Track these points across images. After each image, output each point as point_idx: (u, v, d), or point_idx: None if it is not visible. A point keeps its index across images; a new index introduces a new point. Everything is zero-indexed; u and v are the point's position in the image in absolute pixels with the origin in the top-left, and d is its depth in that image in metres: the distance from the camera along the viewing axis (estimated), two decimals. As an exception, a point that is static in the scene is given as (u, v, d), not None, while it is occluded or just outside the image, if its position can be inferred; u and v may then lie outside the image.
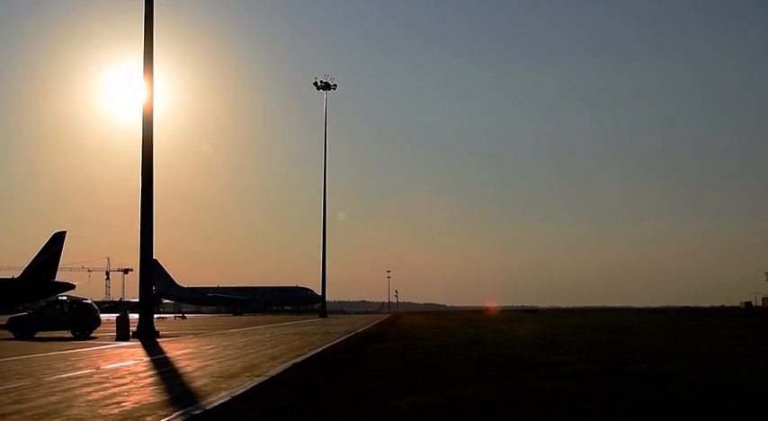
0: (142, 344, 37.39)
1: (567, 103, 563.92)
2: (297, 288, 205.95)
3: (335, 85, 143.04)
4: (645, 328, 42.17)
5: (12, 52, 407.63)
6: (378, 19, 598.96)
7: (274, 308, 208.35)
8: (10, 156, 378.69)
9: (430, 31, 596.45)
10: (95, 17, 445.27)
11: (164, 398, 15.17)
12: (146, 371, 21.72)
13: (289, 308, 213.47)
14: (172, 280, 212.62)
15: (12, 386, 17.27)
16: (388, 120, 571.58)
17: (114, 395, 15.53)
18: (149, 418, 12.46)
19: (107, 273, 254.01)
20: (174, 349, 32.01)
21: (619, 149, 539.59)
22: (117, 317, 45.94)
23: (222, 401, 14.44)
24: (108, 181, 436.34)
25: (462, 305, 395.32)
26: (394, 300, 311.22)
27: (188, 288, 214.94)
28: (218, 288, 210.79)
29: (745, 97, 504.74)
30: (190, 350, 31.22)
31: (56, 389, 16.56)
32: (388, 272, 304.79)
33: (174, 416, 12.75)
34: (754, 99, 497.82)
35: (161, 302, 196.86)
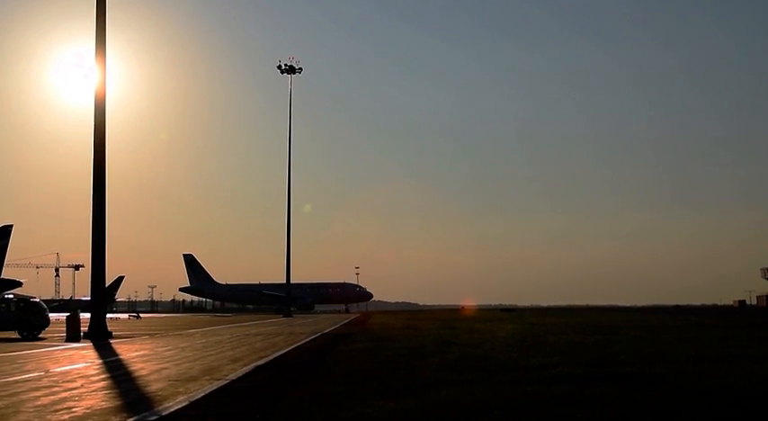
0: (94, 345, 37.25)
1: (550, 88, 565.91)
2: (345, 284, 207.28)
3: (301, 69, 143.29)
4: (631, 328, 42.35)
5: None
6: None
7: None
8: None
9: (402, 10, 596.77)
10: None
11: (117, 403, 15.06)
12: (98, 374, 21.58)
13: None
14: (209, 276, 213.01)
15: (-49, 391, 17.07)
16: (357, 105, 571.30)
17: (64, 400, 15.42)
18: (100, 425, 12.34)
19: (56, 270, 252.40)
20: (127, 351, 31.88)
21: (604, 137, 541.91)
22: (67, 316, 45.76)
23: (179, 406, 14.31)
24: (57, 171, 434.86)
25: (436, 304, 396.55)
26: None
27: (227, 285, 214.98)
28: (259, 284, 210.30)
29: (738, 83, 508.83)
30: (145, 352, 31.08)
31: (1, 394, 16.43)
32: (357, 268, 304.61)
33: (127, 422, 12.65)
34: (747, 85, 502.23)
35: (114, 301, 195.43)
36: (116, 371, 22.56)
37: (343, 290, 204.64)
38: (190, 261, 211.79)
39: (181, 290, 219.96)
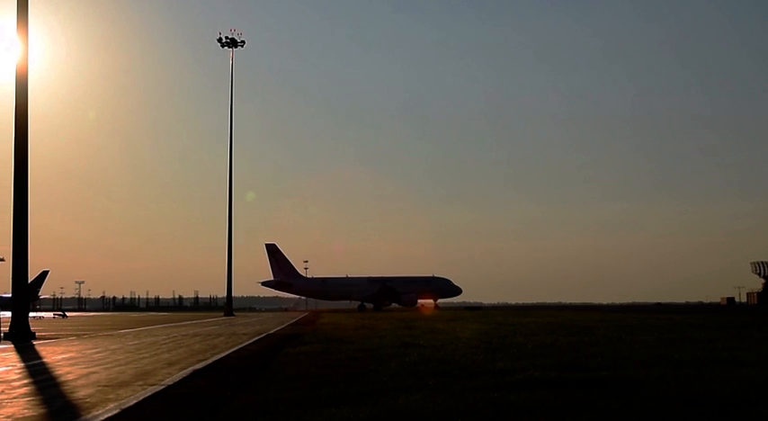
0: (15, 347, 36.93)
1: (520, 62, 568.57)
2: (436, 278, 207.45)
3: (243, 42, 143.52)
4: (608, 329, 42.61)
5: None
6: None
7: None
8: None
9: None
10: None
11: (41, 410, 14.92)
12: (19, 379, 21.35)
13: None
14: (294, 269, 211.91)
15: None
16: (305, 81, 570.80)
17: (-20, 408, 15.24)
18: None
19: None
20: (53, 353, 31.63)
21: (579, 117, 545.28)
22: (-16, 315, 45.32)
23: (109, 415, 14.19)
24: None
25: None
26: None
27: (316, 279, 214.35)
28: (348, 278, 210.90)
29: (729, 58, 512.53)
30: (72, 354, 30.86)
31: None
32: (306, 262, 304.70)
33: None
34: (738, 60, 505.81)
35: (38, 298, 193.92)
36: (40, 375, 22.37)
37: (433, 284, 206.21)
38: (273, 251, 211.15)
39: (263, 284, 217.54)
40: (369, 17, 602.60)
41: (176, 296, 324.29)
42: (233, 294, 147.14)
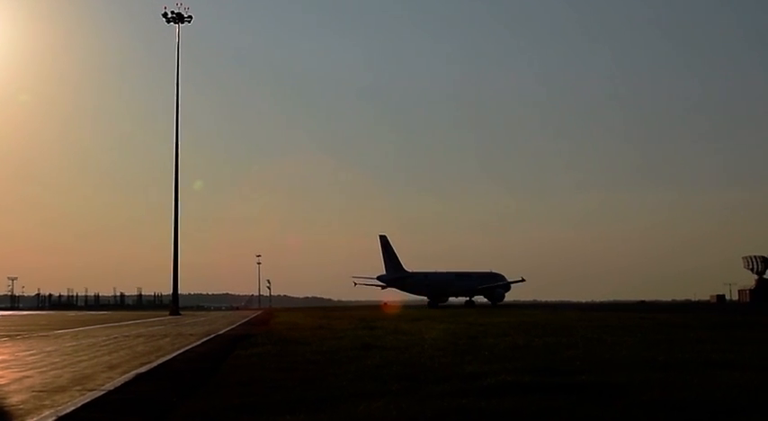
0: (-62, 349, 36.66)
1: (491, 37, 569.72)
2: (491, 274, 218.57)
3: (191, 17, 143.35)
4: (587, 329, 42.80)
5: None
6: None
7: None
8: None
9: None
10: None
11: (-34, 420, 14.77)
12: (-58, 384, 21.21)
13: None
14: (401, 263, 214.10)
15: None
16: (259, 61, 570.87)
17: None
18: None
19: None
20: (-20, 356, 31.43)
21: (558, 100, 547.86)
22: None
23: (44, 423, 14.10)
24: None
25: (353, 299, 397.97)
26: (266, 292, 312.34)
27: (419, 274, 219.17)
28: (439, 273, 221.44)
29: (720, 38, 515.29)
30: (4, 357, 30.64)
31: None
32: (259, 257, 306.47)
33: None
34: (730, 40, 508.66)
35: None
36: (-35, 380, 22.21)
37: (489, 279, 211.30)
38: (385, 244, 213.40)
39: (378, 278, 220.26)
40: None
41: (118, 293, 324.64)
42: (180, 292, 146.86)
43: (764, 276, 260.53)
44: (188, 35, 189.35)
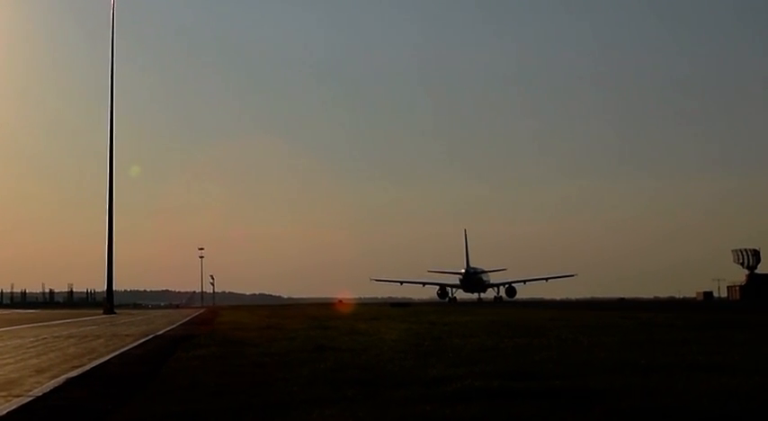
0: None
1: (458, 7, 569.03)
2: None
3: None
4: (562, 329, 42.91)
5: None
6: None
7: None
8: None
9: None
10: None
11: None
12: None
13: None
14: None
15: None
16: (202, 34, 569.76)
17: None
18: None
19: None
20: None
21: (532, 78, 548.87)
22: None
23: (-37, 433, 14.06)
24: None
25: (305, 296, 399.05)
26: (209, 289, 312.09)
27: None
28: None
29: (709, 12, 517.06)
30: None
31: None
32: (202, 250, 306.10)
33: None
34: (719, 15, 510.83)
35: None
36: None
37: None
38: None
39: (466, 272, 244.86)
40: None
41: (47, 290, 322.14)
42: (115, 288, 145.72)
43: (756, 271, 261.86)
44: (124, 5, 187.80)
